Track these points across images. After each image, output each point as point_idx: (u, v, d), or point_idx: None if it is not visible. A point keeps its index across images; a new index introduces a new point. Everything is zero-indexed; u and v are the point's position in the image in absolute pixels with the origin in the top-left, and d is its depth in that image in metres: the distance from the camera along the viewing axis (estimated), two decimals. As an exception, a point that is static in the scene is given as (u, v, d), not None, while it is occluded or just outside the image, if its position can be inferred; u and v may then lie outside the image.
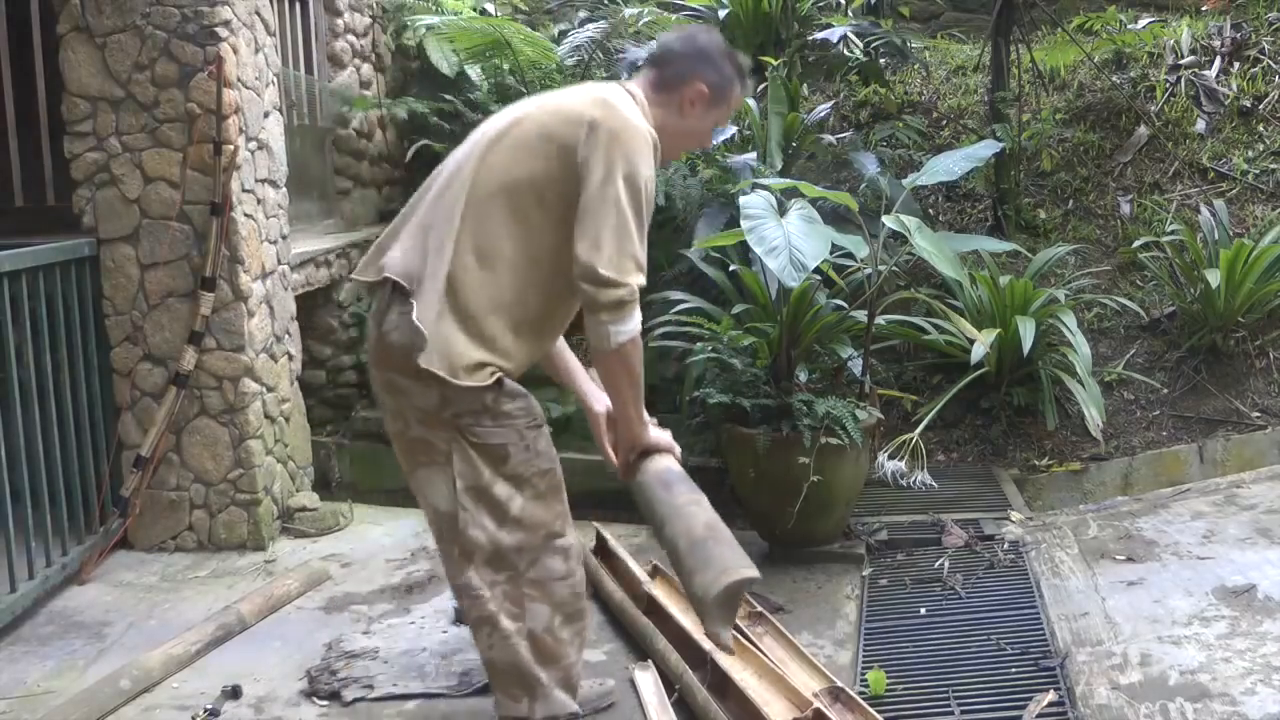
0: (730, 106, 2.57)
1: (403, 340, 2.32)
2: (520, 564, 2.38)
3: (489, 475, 2.35)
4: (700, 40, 2.53)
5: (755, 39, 6.00)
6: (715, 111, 2.53)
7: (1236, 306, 4.77)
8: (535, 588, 2.40)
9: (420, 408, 2.36)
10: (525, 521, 2.37)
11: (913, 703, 2.89)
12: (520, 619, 2.39)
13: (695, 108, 2.49)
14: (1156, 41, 6.46)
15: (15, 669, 3.17)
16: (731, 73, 2.52)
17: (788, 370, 3.88)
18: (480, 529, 2.36)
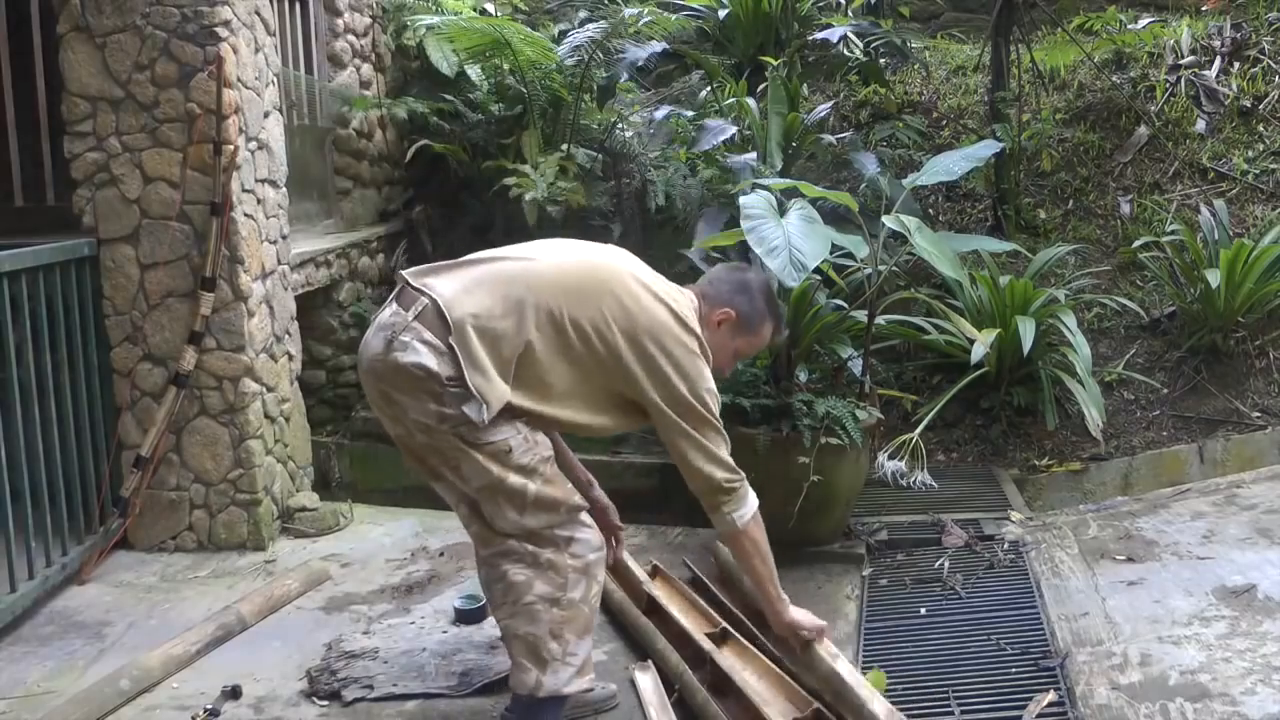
0: (758, 340, 2.84)
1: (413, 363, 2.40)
2: (560, 540, 2.52)
3: (498, 470, 2.45)
4: (744, 274, 2.86)
5: (755, 39, 6.01)
6: (740, 339, 2.79)
7: (1236, 306, 4.77)
8: (578, 560, 2.53)
9: (417, 420, 2.46)
10: (544, 503, 2.50)
11: (913, 703, 2.89)
12: (562, 588, 2.50)
13: (721, 328, 2.74)
14: (1156, 41, 6.46)
15: (15, 669, 3.17)
16: (764, 309, 2.79)
17: (788, 370, 3.89)
18: (505, 520, 2.50)
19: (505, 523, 2.50)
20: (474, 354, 2.40)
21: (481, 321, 2.43)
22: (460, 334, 2.40)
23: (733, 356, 2.83)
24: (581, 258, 2.65)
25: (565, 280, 2.54)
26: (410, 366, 2.40)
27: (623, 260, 2.69)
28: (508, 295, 2.48)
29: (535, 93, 5.43)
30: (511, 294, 2.49)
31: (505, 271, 2.55)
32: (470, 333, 2.41)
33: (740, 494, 2.65)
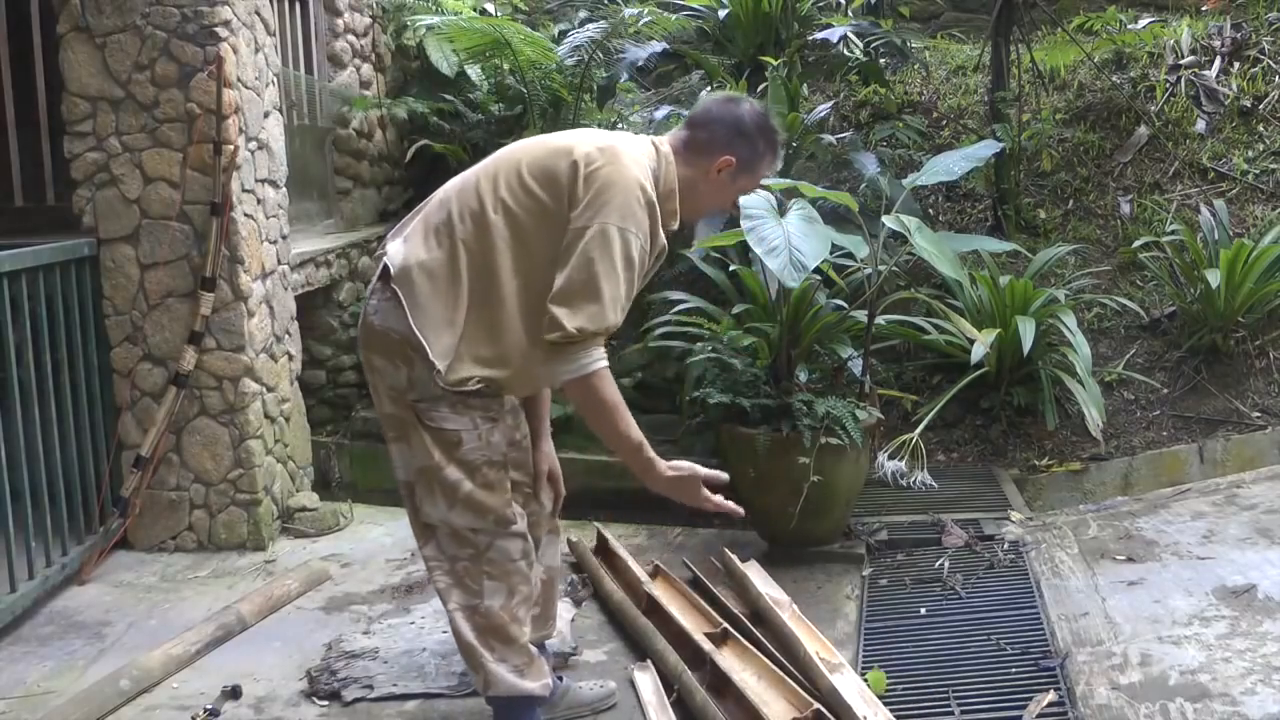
0: (758, 177, 2.64)
1: (383, 324, 2.40)
2: (480, 544, 2.46)
3: (440, 457, 2.41)
4: (738, 110, 2.57)
5: (755, 39, 6.00)
6: (741, 180, 2.60)
7: (1236, 306, 4.77)
8: (495, 567, 2.47)
9: (391, 386, 2.45)
10: (475, 506, 2.44)
11: (913, 703, 2.89)
12: (478, 595, 2.47)
13: (721, 175, 2.55)
14: (1156, 41, 6.46)
15: (15, 669, 3.17)
16: (764, 148, 2.58)
17: (788, 370, 3.88)
18: (433, 508, 2.46)
19: (433, 511, 2.46)
20: (418, 300, 2.35)
21: (422, 258, 2.38)
22: (402, 281, 2.37)
23: (734, 196, 2.66)
24: (513, 147, 2.52)
25: (491, 169, 2.45)
26: (381, 329, 2.40)
27: (566, 135, 2.52)
28: (433, 221, 2.43)
29: (535, 93, 5.42)
30: (437, 218, 2.43)
31: (435, 201, 2.49)
32: (414, 277, 2.37)
33: (575, 348, 2.32)
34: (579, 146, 2.40)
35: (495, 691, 2.50)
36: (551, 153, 2.42)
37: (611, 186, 2.33)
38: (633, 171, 2.37)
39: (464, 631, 2.48)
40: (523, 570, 2.50)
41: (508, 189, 2.40)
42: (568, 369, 2.33)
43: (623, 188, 2.34)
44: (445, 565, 2.48)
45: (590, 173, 2.35)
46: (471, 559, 2.46)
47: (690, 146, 2.54)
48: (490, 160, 2.50)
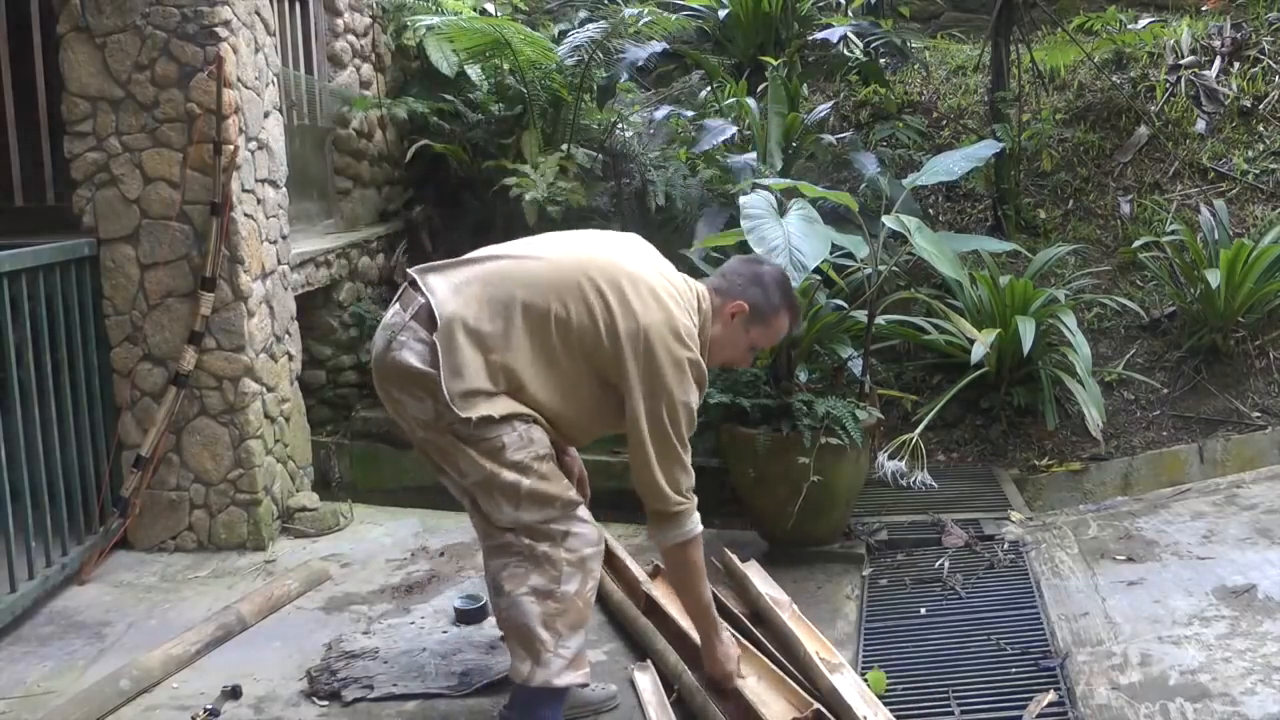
0: (773, 331, 2.80)
1: (404, 362, 2.46)
2: (555, 534, 2.53)
3: (492, 467, 2.48)
4: (758, 267, 2.82)
5: (755, 39, 6.01)
6: (754, 330, 2.77)
7: (1236, 306, 4.77)
8: (573, 554, 2.54)
9: (416, 416, 2.51)
10: (538, 498, 2.51)
11: (913, 703, 2.89)
12: (556, 581, 2.52)
13: (735, 320, 2.73)
14: (1156, 41, 6.46)
15: (15, 669, 3.17)
16: (780, 302, 2.76)
17: (788, 370, 3.89)
18: (501, 513, 2.53)
19: (502, 517, 2.53)
20: (455, 355, 2.43)
21: (470, 323, 2.45)
22: (446, 334, 2.44)
23: (748, 349, 2.81)
24: (584, 252, 2.62)
25: (559, 276, 2.53)
26: (405, 365, 2.45)
27: (629, 253, 2.66)
28: (497, 296, 2.49)
29: (535, 93, 5.42)
30: (501, 294, 2.49)
31: (500, 271, 2.55)
32: (458, 333, 2.44)
33: (686, 514, 2.65)
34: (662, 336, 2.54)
35: (542, 682, 2.51)
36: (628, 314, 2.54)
37: (679, 364, 2.54)
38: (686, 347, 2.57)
39: (529, 616, 2.51)
40: (601, 555, 2.62)
41: (578, 318, 2.52)
42: (679, 533, 2.63)
43: (684, 361, 2.55)
44: (525, 551, 2.53)
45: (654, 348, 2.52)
46: (551, 545, 2.53)
47: (716, 292, 2.75)
48: (588, 262, 2.58)
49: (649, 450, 2.54)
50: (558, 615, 2.52)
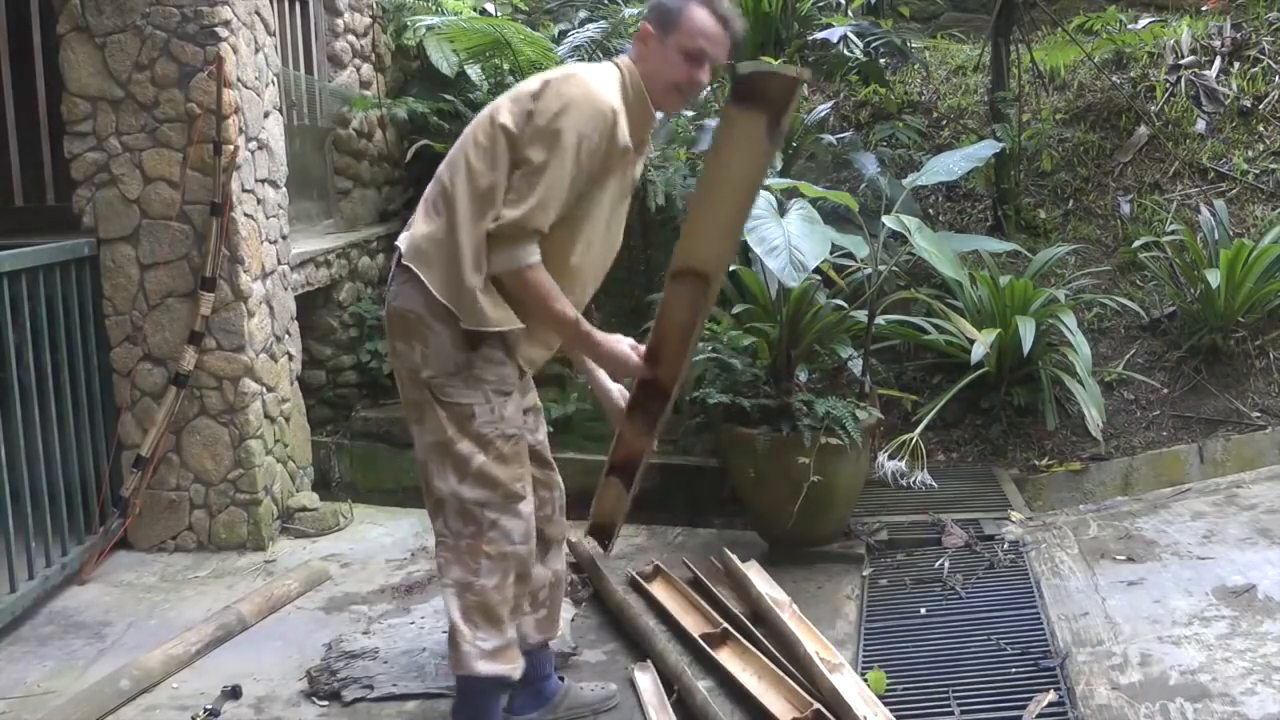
0: (693, 30, 2.46)
1: (401, 306, 2.51)
2: (484, 521, 2.50)
3: (453, 432, 2.49)
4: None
5: (755, 39, 6.00)
6: (672, 39, 2.47)
7: (1236, 306, 4.77)
8: (494, 546, 2.51)
9: (408, 367, 2.54)
10: (486, 479, 2.50)
11: (913, 703, 2.89)
12: (474, 574, 2.51)
13: (649, 45, 2.51)
14: (1156, 41, 6.45)
15: (15, 669, 3.17)
16: (680, 2, 2.48)
17: (788, 370, 3.89)
18: (444, 481, 2.52)
19: (443, 485, 2.51)
20: (424, 261, 2.47)
21: (428, 235, 2.49)
22: (413, 256, 2.49)
23: (682, 61, 2.47)
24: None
25: (464, 134, 2.55)
26: (399, 312, 2.51)
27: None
28: (428, 194, 2.55)
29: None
30: (431, 191, 2.54)
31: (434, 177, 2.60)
32: (423, 248, 2.49)
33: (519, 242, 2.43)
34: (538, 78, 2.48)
35: (462, 670, 2.53)
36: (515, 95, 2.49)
37: (562, 97, 2.40)
38: (587, 84, 2.43)
39: (451, 607, 2.53)
40: (520, 554, 2.55)
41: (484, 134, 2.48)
42: (501, 259, 2.42)
43: (575, 97, 2.40)
44: (450, 541, 2.53)
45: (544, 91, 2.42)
46: (474, 536, 2.50)
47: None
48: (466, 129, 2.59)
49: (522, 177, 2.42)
50: (474, 608, 2.51)
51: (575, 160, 2.39)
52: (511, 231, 2.39)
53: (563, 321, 2.49)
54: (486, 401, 2.50)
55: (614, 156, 2.46)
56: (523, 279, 2.43)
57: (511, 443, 2.54)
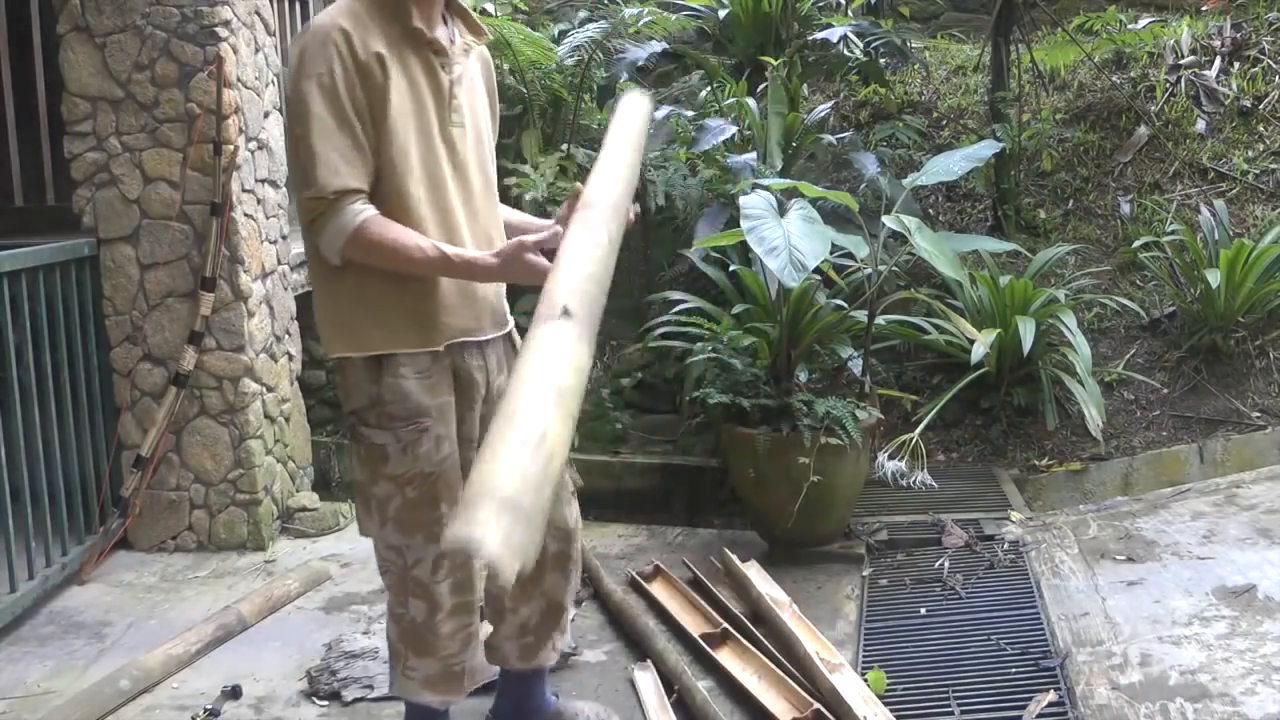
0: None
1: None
2: (407, 560, 2.33)
3: (369, 474, 2.31)
4: None
5: (755, 39, 6.00)
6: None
7: (1236, 306, 4.77)
8: (418, 585, 2.34)
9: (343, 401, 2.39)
10: (404, 523, 2.30)
11: (913, 703, 2.89)
12: (404, 606, 2.37)
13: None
14: (1156, 41, 6.45)
15: (15, 669, 3.17)
16: None
17: (788, 370, 3.89)
18: (369, 524, 2.36)
19: (369, 527, 2.36)
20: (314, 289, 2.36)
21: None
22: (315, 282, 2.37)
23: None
24: None
25: None
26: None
27: None
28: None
29: (535, 92, 5.42)
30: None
31: None
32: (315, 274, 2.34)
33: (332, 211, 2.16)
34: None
35: (393, 692, 2.51)
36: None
37: (293, 57, 2.19)
38: (309, 25, 2.21)
39: (388, 630, 2.45)
40: (443, 592, 2.35)
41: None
42: (329, 241, 2.18)
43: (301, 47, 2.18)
44: (383, 568, 2.40)
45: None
46: (400, 573, 2.35)
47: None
48: None
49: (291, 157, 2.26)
50: (407, 635, 2.39)
51: (328, 102, 2.12)
52: (315, 207, 2.15)
53: (429, 261, 2.18)
54: (398, 442, 2.26)
55: (373, 73, 2.16)
56: (362, 242, 2.15)
57: (428, 483, 2.28)
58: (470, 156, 2.34)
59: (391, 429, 2.26)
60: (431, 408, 2.28)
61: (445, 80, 2.29)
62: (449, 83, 2.30)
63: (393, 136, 2.19)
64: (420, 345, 2.28)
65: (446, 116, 2.29)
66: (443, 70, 2.28)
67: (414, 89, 2.24)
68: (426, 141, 2.25)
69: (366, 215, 2.16)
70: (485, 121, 2.44)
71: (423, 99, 2.25)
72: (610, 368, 5.10)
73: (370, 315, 2.26)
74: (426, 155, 2.25)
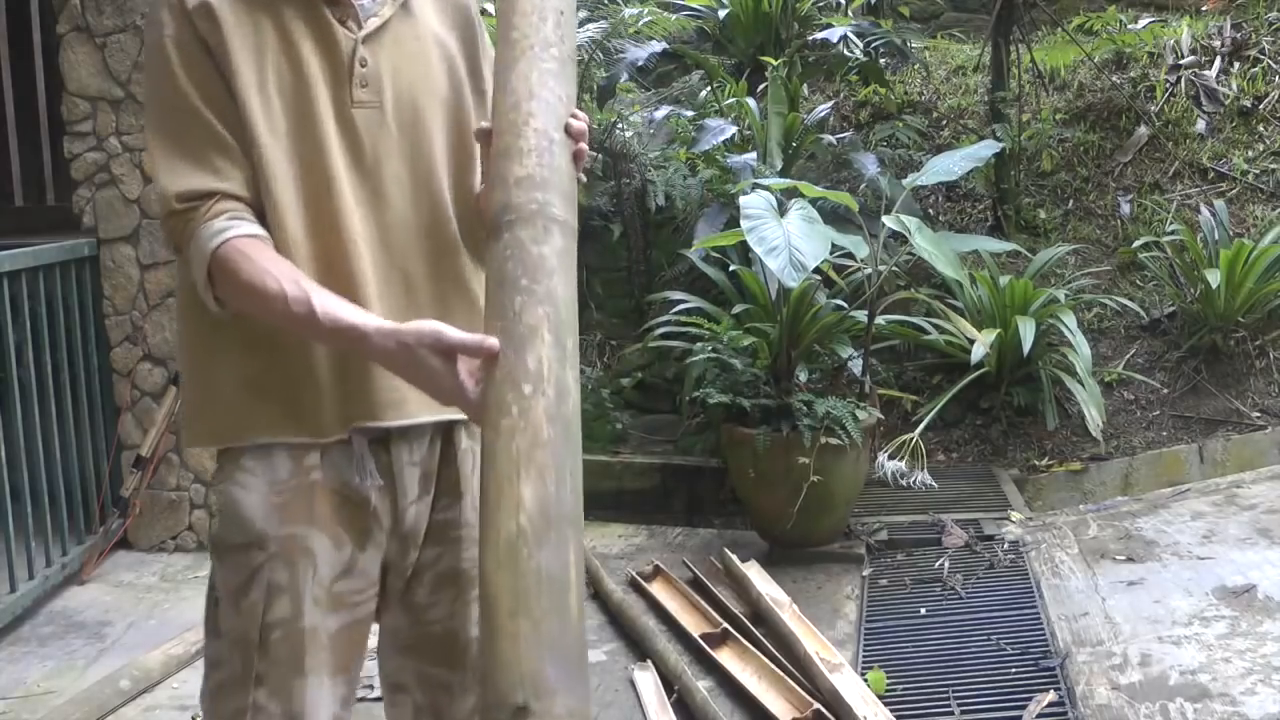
0: None
1: None
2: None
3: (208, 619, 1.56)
4: None
5: (755, 39, 6.00)
6: None
7: (1236, 306, 4.77)
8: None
9: None
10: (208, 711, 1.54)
11: (913, 703, 2.89)
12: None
13: None
14: (1156, 41, 6.45)
15: (15, 669, 3.17)
16: None
17: (788, 370, 3.88)
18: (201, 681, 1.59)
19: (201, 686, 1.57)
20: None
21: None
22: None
23: None
24: None
25: None
26: None
27: None
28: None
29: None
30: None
31: None
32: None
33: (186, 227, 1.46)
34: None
35: None
36: None
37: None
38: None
39: None
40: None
41: None
42: (196, 273, 1.45)
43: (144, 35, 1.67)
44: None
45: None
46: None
47: None
48: None
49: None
50: None
51: (161, 78, 1.47)
52: (167, 221, 1.48)
53: (289, 314, 1.41)
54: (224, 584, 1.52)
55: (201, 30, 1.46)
56: (221, 272, 1.43)
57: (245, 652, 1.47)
58: (390, 153, 1.55)
59: (219, 560, 1.54)
60: (274, 539, 1.49)
61: (343, 38, 1.52)
62: (351, 43, 1.52)
63: (246, 121, 1.46)
64: (274, 432, 1.54)
65: (345, 93, 1.52)
66: (339, 23, 1.52)
67: (281, 47, 1.49)
68: (304, 128, 1.49)
69: (231, 234, 1.43)
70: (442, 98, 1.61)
71: (300, 64, 1.50)
72: (610, 368, 5.10)
73: (210, 378, 1.58)
74: (303, 149, 1.49)
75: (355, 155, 1.54)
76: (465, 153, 1.63)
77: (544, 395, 1.26)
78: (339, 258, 1.51)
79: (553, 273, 1.36)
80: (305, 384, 1.51)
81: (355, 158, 1.54)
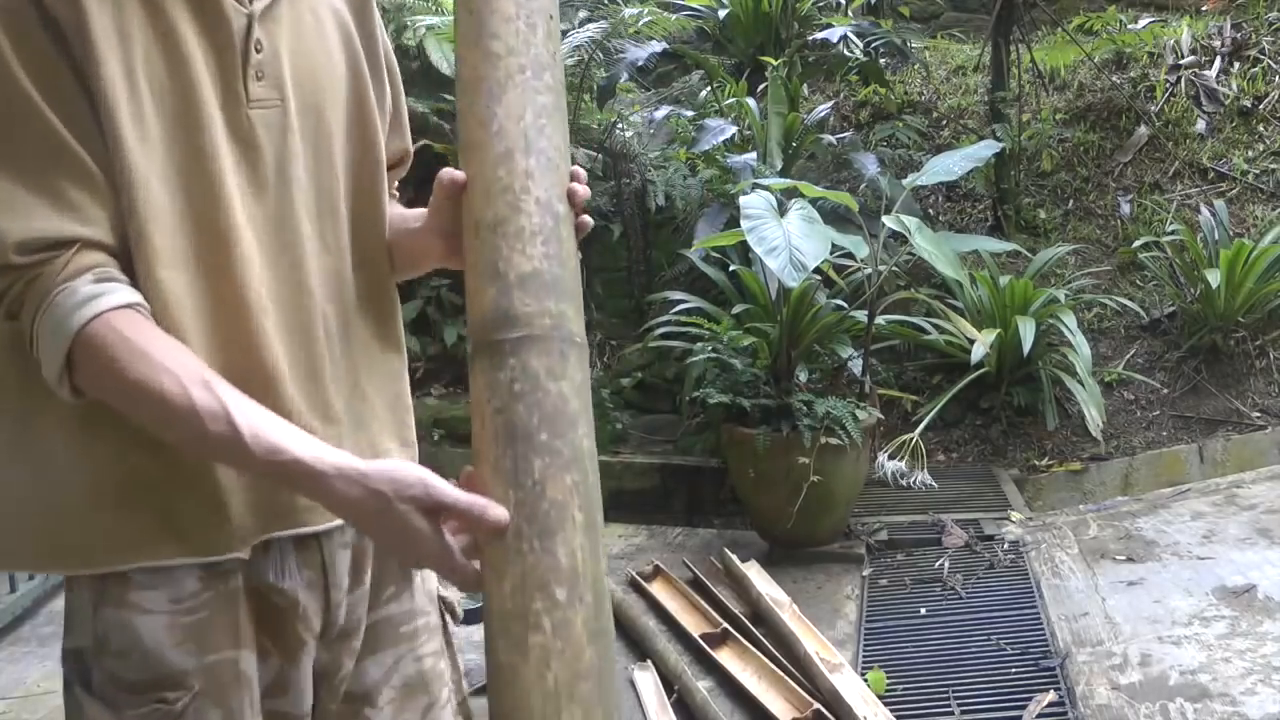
0: None
1: None
2: None
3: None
4: None
5: (755, 39, 6.01)
6: None
7: (1236, 306, 4.77)
8: None
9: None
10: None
11: (913, 703, 2.89)
12: None
13: None
14: (1156, 41, 6.46)
15: (15, 669, 3.17)
16: None
17: (788, 370, 3.89)
18: None
19: None
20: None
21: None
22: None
23: None
24: None
25: None
26: None
27: None
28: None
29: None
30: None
31: None
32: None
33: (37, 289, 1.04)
34: None
35: None
36: None
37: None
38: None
39: None
40: None
41: None
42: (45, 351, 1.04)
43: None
44: None
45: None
46: None
47: None
48: None
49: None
50: None
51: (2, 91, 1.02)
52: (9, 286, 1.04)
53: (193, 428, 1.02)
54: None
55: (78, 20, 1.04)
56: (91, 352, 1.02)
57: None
58: (297, 170, 1.19)
59: (114, 705, 1.12)
60: (194, 671, 1.13)
61: (232, 13, 1.13)
62: (244, 19, 1.14)
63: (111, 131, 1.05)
64: (178, 552, 1.12)
65: (238, 87, 1.14)
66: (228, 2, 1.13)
67: (151, 23, 1.09)
68: (184, 137, 1.10)
69: (104, 306, 1.03)
70: (344, 93, 1.26)
71: (178, 48, 1.10)
72: (610, 368, 5.10)
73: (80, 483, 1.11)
74: (184, 165, 1.10)
75: (253, 173, 1.14)
76: (369, 164, 1.29)
77: (582, 603, 0.96)
78: (235, 322, 1.11)
79: (576, 420, 1.02)
80: (197, 487, 1.11)
81: (252, 176, 1.14)
